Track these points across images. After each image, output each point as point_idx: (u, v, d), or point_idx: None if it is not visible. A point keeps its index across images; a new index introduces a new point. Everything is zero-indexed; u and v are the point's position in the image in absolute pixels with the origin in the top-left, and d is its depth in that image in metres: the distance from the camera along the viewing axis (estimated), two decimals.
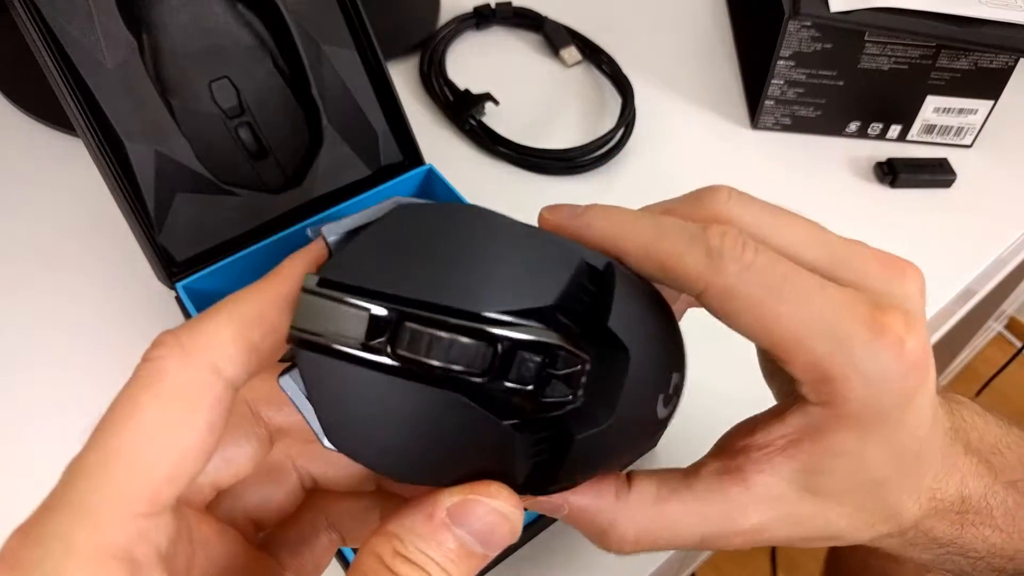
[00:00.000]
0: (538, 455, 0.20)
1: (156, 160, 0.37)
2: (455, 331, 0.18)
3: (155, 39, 0.38)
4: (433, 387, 0.18)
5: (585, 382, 0.20)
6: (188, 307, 0.37)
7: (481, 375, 0.18)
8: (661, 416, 0.22)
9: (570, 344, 0.19)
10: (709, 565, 1.11)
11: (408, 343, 0.18)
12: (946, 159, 0.52)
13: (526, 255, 0.20)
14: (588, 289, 0.20)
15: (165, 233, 0.37)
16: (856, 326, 0.21)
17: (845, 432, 0.22)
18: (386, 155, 0.42)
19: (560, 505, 0.23)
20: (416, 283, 0.18)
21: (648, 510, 0.23)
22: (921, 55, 0.49)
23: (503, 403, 0.19)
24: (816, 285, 0.21)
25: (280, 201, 0.40)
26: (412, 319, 0.18)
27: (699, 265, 0.21)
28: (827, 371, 0.21)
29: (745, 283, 0.21)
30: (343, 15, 0.41)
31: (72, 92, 0.35)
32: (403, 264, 0.19)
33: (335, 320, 0.18)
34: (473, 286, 0.19)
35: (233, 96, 0.40)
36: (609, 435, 0.20)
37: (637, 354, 0.20)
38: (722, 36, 0.61)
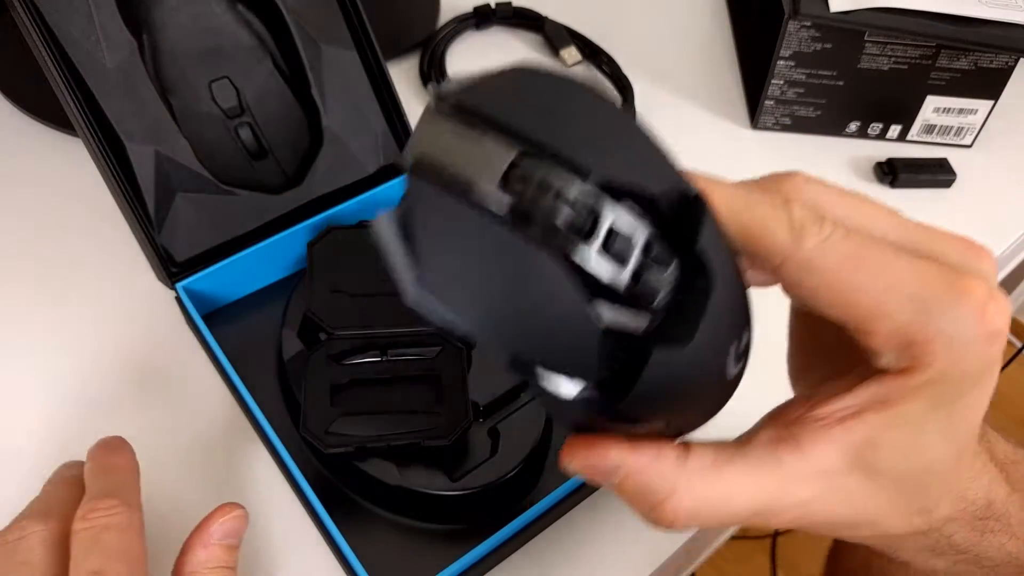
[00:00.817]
0: (615, 360, 0.19)
1: (156, 160, 0.37)
2: (567, 179, 0.18)
3: (155, 39, 0.38)
4: (532, 239, 0.17)
5: (672, 289, 0.19)
6: (188, 307, 0.37)
7: (582, 235, 0.18)
8: (731, 373, 0.22)
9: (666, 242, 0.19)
10: (709, 565, 1.11)
11: (521, 181, 0.17)
12: (946, 159, 0.52)
13: (638, 142, 0.19)
14: (680, 207, 0.20)
15: (165, 233, 0.37)
16: (938, 290, 0.21)
17: (915, 401, 0.22)
18: (386, 155, 0.42)
19: (615, 468, 0.22)
20: (536, 128, 0.18)
21: (707, 476, 0.22)
22: (921, 55, 0.49)
23: (594, 280, 0.18)
24: (893, 254, 0.21)
25: (280, 201, 0.40)
26: (529, 158, 0.18)
27: (782, 237, 0.22)
28: (911, 336, 0.21)
29: (824, 255, 0.21)
30: (343, 15, 0.41)
31: (72, 92, 0.35)
32: (522, 108, 0.18)
33: (461, 148, 0.18)
34: (588, 146, 0.18)
35: (233, 96, 0.40)
36: (685, 361, 0.19)
37: (720, 285, 0.19)
38: (722, 36, 0.61)
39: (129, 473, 0.29)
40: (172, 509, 0.35)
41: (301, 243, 0.40)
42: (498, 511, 0.34)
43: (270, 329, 0.39)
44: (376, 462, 0.33)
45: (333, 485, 0.35)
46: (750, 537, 1.14)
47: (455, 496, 0.34)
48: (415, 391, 0.35)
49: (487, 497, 0.34)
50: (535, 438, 0.35)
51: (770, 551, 1.13)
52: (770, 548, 1.14)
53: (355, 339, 0.36)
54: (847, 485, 0.23)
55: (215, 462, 0.37)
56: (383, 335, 0.36)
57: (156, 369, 0.39)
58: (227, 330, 0.39)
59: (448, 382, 0.35)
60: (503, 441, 0.35)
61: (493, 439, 0.35)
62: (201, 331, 0.37)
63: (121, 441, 0.31)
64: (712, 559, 1.12)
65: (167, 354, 0.40)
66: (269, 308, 0.40)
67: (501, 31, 0.60)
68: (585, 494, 0.36)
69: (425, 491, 0.33)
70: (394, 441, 0.33)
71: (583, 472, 0.23)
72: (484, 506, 0.34)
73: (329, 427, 0.33)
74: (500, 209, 0.17)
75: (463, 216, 0.17)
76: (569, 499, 0.35)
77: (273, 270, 0.41)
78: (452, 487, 0.34)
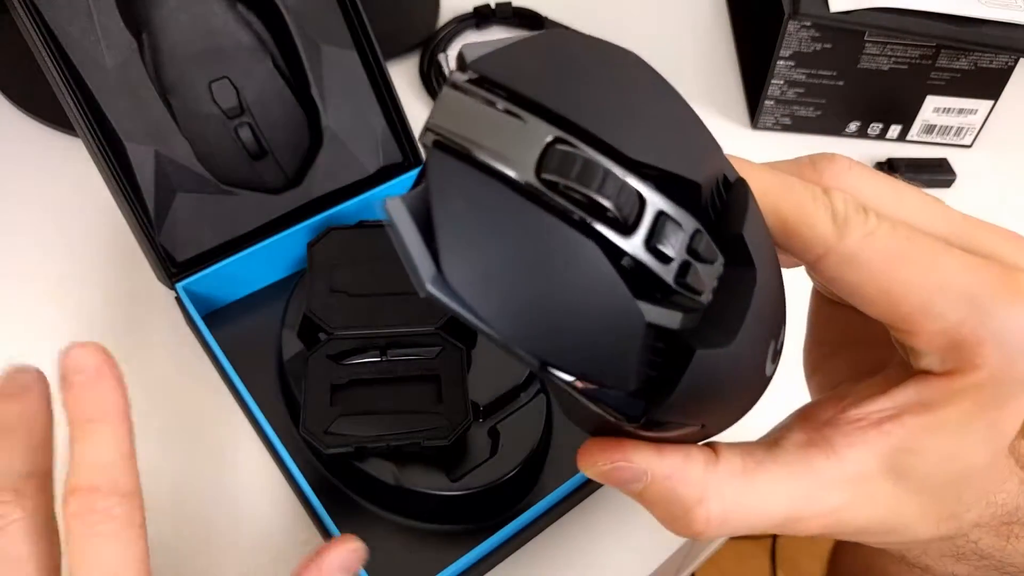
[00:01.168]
0: (653, 364, 0.17)
1: (156, 160, 0.37)
2: (612, 166, 0.16)
3: (155, 39, 0.38)
4: (575, 230, 0.15)
5: (717, 286, 0.17)
6: (188, 307, 0.37)
7: (626, 229, 0.16)
8: (768, 373, 0.20)
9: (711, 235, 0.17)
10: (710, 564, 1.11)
11: (561, 167, 0.15)
12: (946, 159, 0.52)
13: (681, 122, 0.18)
14: (722, 194, 0.18)
15: (165, 233, 0.37)
16: (993, 289, 0.20)
17: (959, 406, 0.21)
18: (386, 155, 0.42)
19: (642, 472, 0.20)
20: (574, 107, 0.16)
21: (737, 483, 0.21)
22: (921, 55, 0.49)
23: (638, 278, 0.16)
24: (943, 250, 0.20)
25: (280, 201, 0.40)
26: (569, 142, 0.16)
27: (824, 228, 0.20)
28: (959, 337, 0.20)
29: (868, 249, 0.20)
30: (343, 15, 0.41)
31: (72, 93, 0.35)
32: (557, 84, 0.16)
33: (491, 127, 0.16)
34: (630, 130, 0.16)
35: (233, 96, 0.40)
36: (726, 363, 0.18)
37: (763, 277, 0.18)
38: (722, 36, 0.61)
39: (120, 430, 0.24)
40: (171, 507, 0.35)
41: (301, 243, 0.40)
42: (497, 511, 0.34)
43: (270, 329, 0.39)
44: (376, 462, 0.33)
45: (333, 485, 0.35)
46: (750, 537, 1.14)
47: (455, 496, 0.34)
48: (415, 391, 0.35)
49: (487, 497, 0.34)
50: (535, 439, 0.35)
51: (770, 551, 1.13)
52: (770, 548, 1.14)
53: (355, 339, 0.36)
54: (880, 491, 0.22)
55: (215, 462, 0.37)
56: (383, 335, 0.36)
57: (156, 369, 0.39)
58: (227, 330, 0.39)
59: (448, 382, 0.35)
60: (503, 441, 0.35)
61: (493, 439, 0.35)
62: (201, 331, 0.37)
63: (101, 360, 0.24)
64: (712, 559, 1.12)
65: (167, 354, 0.40)
66: (269, 308, 0.40)
67: (501, 31, 0.60)
68: (585, 495, 0.36)
69: (425, 491, 0.33)
70: (394, 441, 0.33)
71: (603, 478, 0.21)
72: (484, 506, 0.34)
73: (329, 427, 0.33)
74: (535, 193, 0.15)
75: (495, 200, 0.15)
76: (569, 499, 0.35)
77: (273, 270, 0.41)
78: (452, 487, 0.34)
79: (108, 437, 0.23)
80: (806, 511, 0.22)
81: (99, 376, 0.23)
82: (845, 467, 0.21)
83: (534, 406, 0.36)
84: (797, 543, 1.15)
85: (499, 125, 0.16)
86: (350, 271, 0.38)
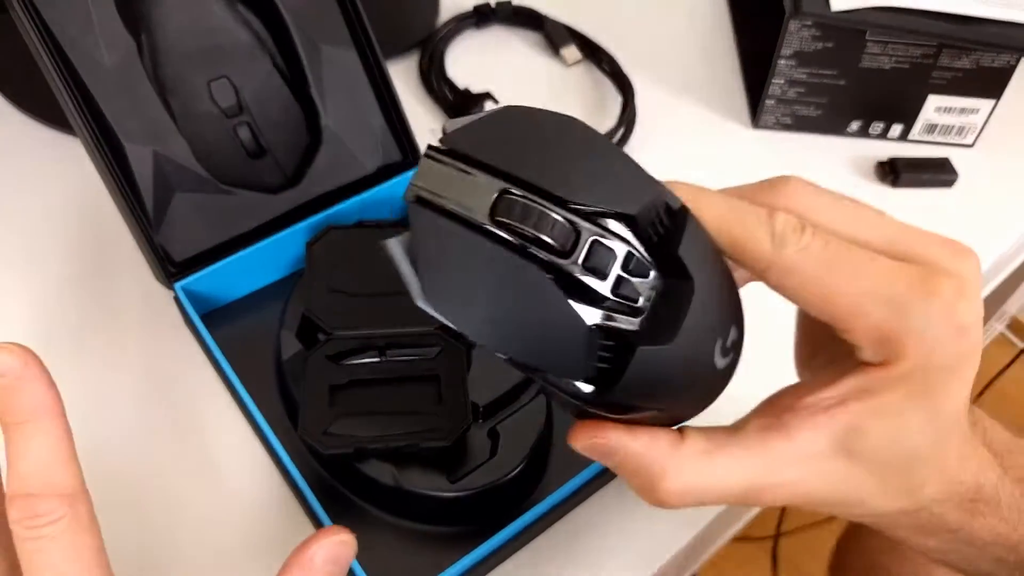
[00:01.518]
0: (602, 359, 0.22)
1: (155, 160, 0.37)
2: (549, 208, 0.21)
3: (153, 39, 0.38)
4: (522, 258, 0.21)
5: (653, 295, 0.22)
6: (186, 307, 0.37)
7: (563, 255, 0.21)
8: (719, 366, 0.24)
9: (644, 253, 0.22)
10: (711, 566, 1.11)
11: (508, 211, 0.21)
12: (948, 159, 0.52)
13: (617, 170, 0.22)
14: (663, 220, 0.22)
15: (163, 233, 0.37)
16: (910, 290, 0.23)
17: (894, 392, 0.24)
18: (385, 154, 0.42)
19: (615, 448, 0.24)
20: (522, 166, 0.21)
21: (698, 461, 0.25)
22: (923, 54, 0.49)
23: (578, 292, 0.21)
24: (868, 258, 0.23)
25: (279, 201, 0.39)
26: (514, 192, 0.21)
27: (764, 245, 0.24)
28: (885, 333, 0.23)
29: (803, 262, 0.23)
30: (342, 14, 0.41)
31: (71, 92, 0.35)
32: (510, 149, 0.21)
33: (455, 185, 0.21)
34: (568, 180, 0.21)
35: (232, 96, 0.40)
36: (668, 358, 0.22)
37: (701, 287, 0.22)
38: (723, 35, 0.61)
39: (53, 427, 0.23)
40: (168, 508, 0.35)
41: (300, 243, 0.40)
42: (497, 513, 0.34)
43: (269, 329, 0.39)
44: (375, 463, 0.33)
45: (332, 486, 0.35)
46: (752, 539, 1.14)
47: (454, 497, 0.33)
48: (414, 392, 0.35)
49: (486, 499, 0.34)
50: (535, 439, 0.35)
51: (771, 553, 1.13)
52: (771, 550, 1.14)
53: (354, 339, 0.36)
54: (832, 468, 0.25)
55: (213, 462, 0.37)
56: (382, 335, 0.36)
57: (154, 369, 0.39)
58: (225, 330, 0.39)
59: (447, 383, 0.35)
60: (503, 442, 0.35)
61: (493, 440, 0.35)
62: (199, 331, 0.37)
63: (23, 361, 0.23)
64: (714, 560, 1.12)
65: (165, 354, 0.40)
66: (268, 308, 0.40)
67: (501, 30, 0.60)
68: (585, 496, 0.36)
69: (424, 492, 0.33)
70: (393, 442, 0.33)
71: (586, 452, 0.25)
72: (483, 508, 0.34)
73: (328, 428, 0.33)
74: (489, 232, 0.21)
75: (459, 239, 0.21)
76: (569, 501, 0.35)
77: (272, 270, 0.41)
78: (451, 488, 0.33)
79: (41, 439, 0.23)
80: (765, 482, 0.25)
81: (24, 377, 0.23)
82: (798, 447, 0.25)
83: (534, 407, 0.36)
84: (799, 545, 1.14)
85: (461, 182, 0.21)
86: (349, 271, 0.38)
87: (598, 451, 0.25)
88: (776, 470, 0.25)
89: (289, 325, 0.37)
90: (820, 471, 0.25)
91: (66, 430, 0.23)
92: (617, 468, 0.25)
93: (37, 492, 0.22)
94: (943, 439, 0.25)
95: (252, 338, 0.39)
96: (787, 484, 0.25)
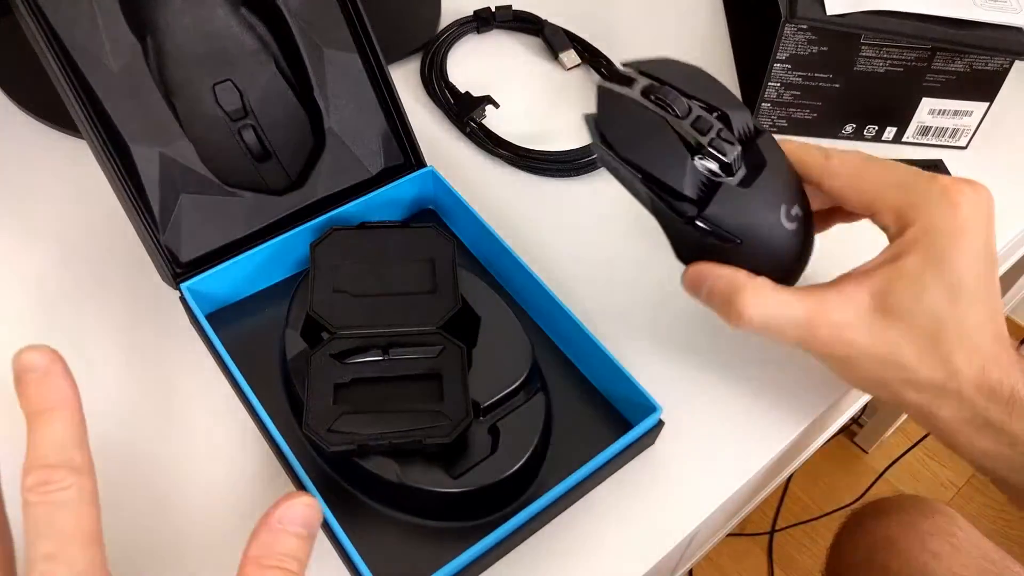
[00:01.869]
0: (701, 188, 0.35)
1: (160, 162, 0.37)
2: (675, 93, 0.36)
3: (159, 42, 0.39)
4: (653, 114, 0.36)
5: (735, 158, 0.35)
6: (193, 307, 0.38)
7: (681, 117, 0.36)
8: (786, 226, 0.35)
9: (731, 133, 0.36)
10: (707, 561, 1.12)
11: (647, 90, 0.36)
12: (941, 160, 0.53)
13: (724, 94, 0.37)
14: (750, 129, 0.37)
15: (169, 234, 0.38)
16: (916, 178, 0.34)
17: (910, 256, 0.33)
18: (388, 157, 0.43)
19: (708, 274, 0.35)
20: (666, 75, 0.37)
21: (770, 288, 0.34)
22: (916, 57, 0.49)
23: (688, 143, 0.35)
24: (890, 164, 0.35)
25: (283, 203, 0.40)
26: (655, 84, 0.36)
27: (818, 158, 0.36)
28: (900, 210, 0.33)
29: (843, 166, 0.35)
30: (345, 19, 0.41)
31: (78, 96, 0.35)
32: (664, 68, 0.37)
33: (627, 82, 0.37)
34: (691, 85, 0.37)
35: (237, 99, 0.40)
36: (744, 196, 0.35)
37: (770, 168, 0.36)
38: (719, 39, 0.62)
39: (71, 416, 0.26)
40: (173, 504, 0.36)
41: (304, 244, 0.40)
42: (498, 508, 0.35)
43: (273, 329, 0.39)
44: (378, 460, 0.34)
45: (335, 482, 0.35)
46: (747, 534, 1.14)
47: (456, 493, 0.34)
48: (416, 390, 0.36)
49: (487, 494, 0.34)
50: (534, 436, 0.36)
51: (767, 547, 1.14)
52: (767, 544, 1.14)
53: (357, 338, 0.36)
54: (871, 320, 0.33)
55: (219, 460, 0.37)
56: (384, 334, 0.37)
57: (160, 368, 0.40)
58: (231, 330, 0.39)
59: (449, 381, 0.36)
60: (503, 439, 0.35)
61: (493, 437, 0.35)
62: (205, 330, 0.37)
63: (50, 360, 0.26)
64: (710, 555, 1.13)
65: (171, 353, 0.40)
66: (272, 308, 0.41)
67: (501, 34, 0.60)
68: (584, 491, 0.36)
69: (426, 488, 0.34)
70: (395, 439, 0.33)
71: (690, 282, 0.36)
72: (484, 503, 0.35)
73: (331, 425, 0.34)
74: (640, 101, 0.36)
75: (623, 104, 0.37)
76: (568, 496, 0.35)
77: (276, 270, 0.42)
78: (453, 484, 0.34)
79: (60, 423, 0.26)
80: (816, 320, 0.34)
81: (49, 372, 0.26)
82: (844, 295, 0.34)
83: (534, 404, 0.36)
84: (794, 540, 1.15)
85: (625, 80, 0.37)
86: (352, 271, 0.39)
87: (699, 278, 0.36)
88: (828, 310, 0.33)
89: (294, 325, 0.38)
90: (861, 320, 0.33)
91: (81, 420, 0.26)
92: (708, 295, 0.35)
93: (52, 464, 0.25)
94: (958, 302, 0.32)
95: (257, 337, 0.39)
96: (835, 324, 0.33)
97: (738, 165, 0.35)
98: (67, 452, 0.25)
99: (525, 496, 0.36)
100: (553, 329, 0.41)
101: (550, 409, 0.37)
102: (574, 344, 0.40)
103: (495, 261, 0.43)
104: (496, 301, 0.40)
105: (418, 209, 0.46)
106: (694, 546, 0.45)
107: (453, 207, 0.45)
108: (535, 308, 0.42)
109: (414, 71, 0.57)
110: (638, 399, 0.36)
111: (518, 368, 0.37)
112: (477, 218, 0.42)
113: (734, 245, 0.35)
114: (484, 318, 0.39)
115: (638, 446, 0.37)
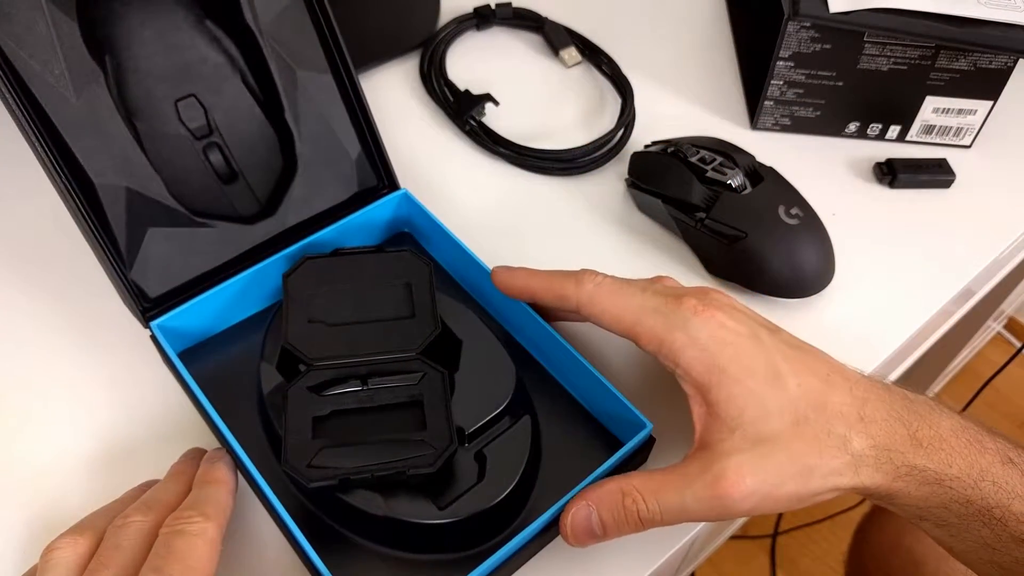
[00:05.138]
0: (706, 201, 0.44)
1: (127, 196, 0.36)
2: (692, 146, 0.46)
3: (119, 59, 0.37)
4: (676, 160, 0.46)
5: (736, 179, 0.44)
6: (164, 346, 0.36)
7: (691, 156, 0.46)
8: (786, 220, 0.42)
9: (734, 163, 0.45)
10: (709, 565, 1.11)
11: (671, 146, 0.47)
12: (945, 159, 0.51)
13: (731, 147, 0.47)
14: (754, 166, 0.45)
15: (137, 270, 0.36)
16: (668, 305, 0.34)
17: (712, 389, 0.32)
18: (361, 180, 0.41)
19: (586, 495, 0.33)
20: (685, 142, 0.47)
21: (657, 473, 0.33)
22: (920, 56, 0.48)
23: (699, 170, 0.45)
24: (640, 287, 0.35)
25: (254, 232, 0.38)
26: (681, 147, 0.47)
27: (571, 288, 0.36)
28: (660, 335, 0.33)
29: (598, 293, 0.35)
30: (318, 38, 0.39)
31: (38, 133, 0.33)
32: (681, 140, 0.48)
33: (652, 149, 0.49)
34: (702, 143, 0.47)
35: (200, 115, 0.38)
36: (743, 199, 0.43)
37: (769, 181, 0.44)
38: (721, 37, 0.60)
39: (222, 487, 0.33)
40: None
41: (277, 274, 0.39)
42: (488, 538, 0.34)
43: (248, 363, 0.38)
44: (361, 493, 0.33)
45: (318, 518, 0.34)
46: (750, 537, 1.14)
47: (443, 524, 0.33)
48: (398, 418, 0.35)
49: (476, 524, 0.33)
50: (523, 462, 0.35)
51: (770, 551, 1.13)
52: (770, 548, 1.13)
53: (334, 369, 0.35)
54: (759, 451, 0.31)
55: None
56: (363, 363, 0.36)
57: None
58: (204, 366, 0.38)
59: (431, 408, 0.35)
60: (490, 465, 0.34)
61: (480, 464, 0.34)
62: (178, 369, 0.36)
63: (224, 457, 0.35)
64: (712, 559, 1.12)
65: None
66: (246, 342, 0.40)
67: (501, 31, 0.59)
68: None
69: (412, 520, 0.33)
70: (378, 471, 0.33)
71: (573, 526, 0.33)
72: (473, 533, 0.34)
73: (311, 460, 0.33)
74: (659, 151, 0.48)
75: (648, 157, 0.48)
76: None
77: (250, 303, 0.41)
78: (440, 515, 0.33)
79: (212, 491, 0.33)
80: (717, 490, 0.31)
81: (222, 460, 0.35)
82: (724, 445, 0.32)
83: (520, 428, 0.35)
84: (797, 543, 1.14)
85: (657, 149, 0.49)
86: (327, 300, 0.38)
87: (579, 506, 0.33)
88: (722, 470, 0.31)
89: (269, 358, 0.37)
90: (755, 457, 0.31)
91: (230, 494, 0.34)
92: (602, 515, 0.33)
93: (189, 506, 0.31)
94: (784, 388, 0.32)
95: (232, 373, 0.38)
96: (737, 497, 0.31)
97: (740, 184, 0.43)
98: (208, 506, 0.31)
99: (516, 523, 0.35)
100: (537, 348, 0.40)
101: (538, 431, 0.36)
102: (558, 363, 0.39)
103: (474, 282, 0.42)
104: (477, 323, 0.38)
105: (394, 232, 0.45)
106: (695, 549, 0.44)
107: (429, 229, 0.43)
108: (517, 328, 0.41)
109: (413, 68, 0.56)
110: (627, 416, 0.35)
111: (502, 391, 0.36)
112: (453, 239, 0.41)
113: (742, 238, 0.42)
114: (465, 341, 0.38)
115: (630, 464, 0.36)
